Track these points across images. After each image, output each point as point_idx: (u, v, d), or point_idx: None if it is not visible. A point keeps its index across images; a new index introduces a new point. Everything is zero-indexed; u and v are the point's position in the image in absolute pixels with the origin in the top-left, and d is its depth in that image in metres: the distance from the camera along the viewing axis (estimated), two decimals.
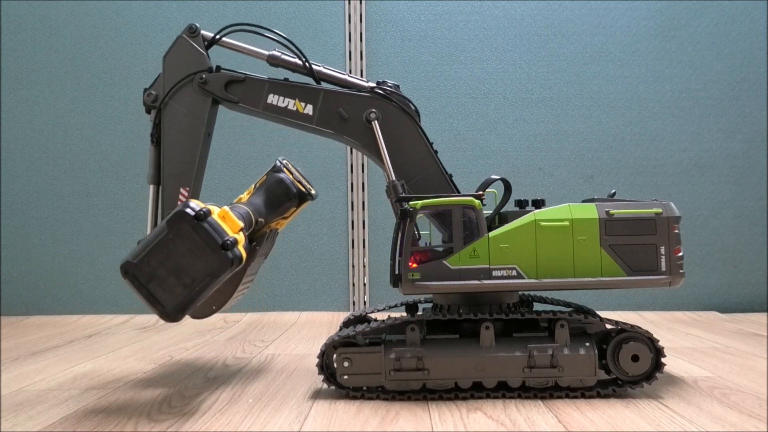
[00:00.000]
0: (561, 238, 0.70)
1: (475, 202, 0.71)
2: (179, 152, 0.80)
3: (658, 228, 0.71)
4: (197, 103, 0.79)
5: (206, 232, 0.64)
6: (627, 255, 0.71)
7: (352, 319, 0.90)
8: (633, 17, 1.50)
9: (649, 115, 1.50)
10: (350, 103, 0.77)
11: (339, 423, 0.63)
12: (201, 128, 0.79)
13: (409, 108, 0.78)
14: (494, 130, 1.50)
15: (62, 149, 1.53)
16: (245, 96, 0.79)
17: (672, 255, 0.71)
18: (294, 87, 0.78)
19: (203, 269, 0.65)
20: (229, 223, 0.67)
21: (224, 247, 0.64)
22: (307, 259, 1.50)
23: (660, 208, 0.71)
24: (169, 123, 0.79)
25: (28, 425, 0.65)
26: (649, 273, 0.71)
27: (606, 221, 0.70)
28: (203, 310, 0.78)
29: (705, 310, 1.46)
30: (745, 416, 0.65)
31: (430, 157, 0.78)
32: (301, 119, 0.78)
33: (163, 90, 0.79)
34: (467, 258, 0.70)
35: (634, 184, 1.48)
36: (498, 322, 0.72)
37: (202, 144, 0.79)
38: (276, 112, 0.78)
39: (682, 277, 0.71)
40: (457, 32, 1.51)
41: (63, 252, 1.52)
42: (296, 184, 0.79)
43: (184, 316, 0.67)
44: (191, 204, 0.66)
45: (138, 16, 1.53)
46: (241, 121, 1.51)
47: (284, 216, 0.81)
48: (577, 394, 0.70)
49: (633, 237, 0.71)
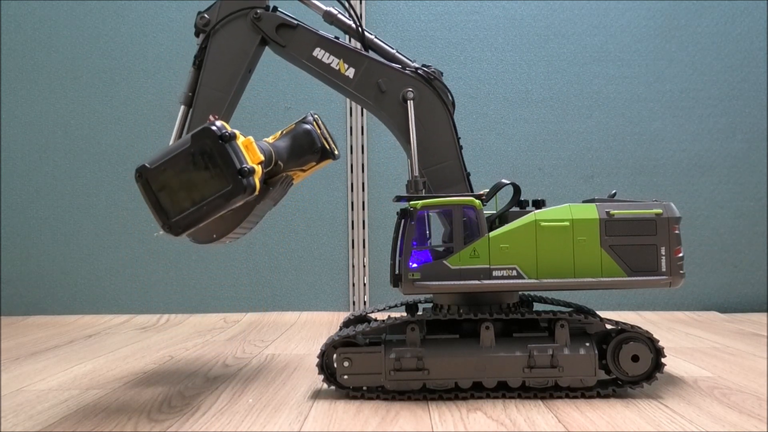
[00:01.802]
0: (561, 239, 0.70)
1: (476, 202, 0.71)
2: (217, 80, 0.80)
3: (658, 228, 0.71)
4: (246, 37, 0.79)
5: (227, 154, 0.64)
6: (627, 255, 0.71)
7: (352, 319, 0.90)
8: (633, 17, 1.50)
9: (649, 115, 1.50)
10: (391, 77, 0.77)
11: (339, 423, 0.63)
12: (244, 63, 0.79)
13: (446, 96, 0.78)
14: (494, 130, 1.50)
15: (62, 149, 1.53)
16: (293, 43, 0.79)
17: (672, 255, 0.70)
18: (342, 47, 0.78)
19: (215, 190, 0.65)
20: (251, 153, 0.67)
21: (241, 173, 0.64)
22: (307, 259, 1.50)
23: (660, 208, 0.71)
24: (214, 50, 0.79)
25: (28, 425, 0.65)
26: (649, 273, 0.70)
27: (606, 222, 0.70)
28: (204, 235, 0.77)
29: (705, 310, 1.46)
30: (745, 416, 0.65)
31: (454, 149, 0.77)
32: (341, 80, 0.78)
33: (216, 16, 0.78)
34: (467, 258, 0.70)
35: (634, 184, 1.48)
36: (498, 322, 0.72)
37: (241, 78, 0.80)
38: (319, 66, 0.78)
39: (682, 277, 0.71)
40: (457, 32, 1.51)
41: (63, 252, 1.52)
42: (322, 139, 0.81)
43: (185, 233, 0.67)
44: (218, 123, 0.65)
45: (138, 16, 1.53)
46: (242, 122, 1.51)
47: (303, 168, 0.82)
48: (577, 394, 0.70)
49: (633, 237, 0.70)
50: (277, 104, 1.51)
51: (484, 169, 1.47)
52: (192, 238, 0.77)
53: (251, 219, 0.79)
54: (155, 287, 1.51)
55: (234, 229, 0.77)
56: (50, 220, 1.53)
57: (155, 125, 1.52)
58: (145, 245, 1.52)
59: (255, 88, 1.51)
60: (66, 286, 1.52)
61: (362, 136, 1.48)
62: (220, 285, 1.50)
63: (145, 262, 1.51)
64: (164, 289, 1.51)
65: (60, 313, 1.51)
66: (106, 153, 1.53)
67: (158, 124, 1.52)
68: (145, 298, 1.51)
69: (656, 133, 1.50)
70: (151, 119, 1.52)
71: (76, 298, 1.52)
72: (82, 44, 1.53)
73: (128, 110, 1.53)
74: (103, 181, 1.53)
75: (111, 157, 1.53)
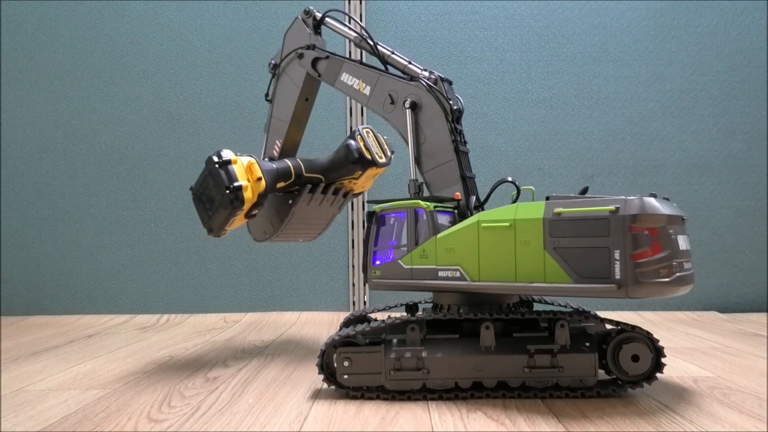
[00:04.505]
0: (503, 240, 0.66)
1: (422, 204, 0.73)
2: (279, 111, 0.99)
3: (611, 229, 0.61)
4: (297, 72, 0.95)
5: (221, 175, 0.82)
6: (574, 259, 0.62)
7: (352, 319, 0.90)
8: (633, 17, 1.50)
9: (649, 115, 1.50)
10: (397, 89, 0.82)
11: (339, 423, 0.63)
12: (296, 94, 0.96)
13: (446, 102, 0.79)
14: (494, 130, 1.50)
15: (62, 149, 1.53)
16: (326, 72, 0.92)
17: (628, 260, 0.60)
18: (360, 68, 0.87)
19: (218, 202, 0.83)
20: (249, 173, 0.84)
21: (228, 189, 0.81)
22: (307, 259, 1.50)
23: (617, 204, 0.61)
24: (277, 88, 0.99)
25: (28, 425, 0.65)
26: (598, 280, 0.61)
27: (551, 221, 0.64)
28: (258, 234, 1.00)
29: (705, 310, 1.46)
30: (745, 416, 0.65)
31: (451, 153, 0.79)
32: (361, 98, 0.87)
33: (279, 60, 0.98)
34: (418, 258, 0.73)
35: (634, 184, 1.49)
36: (498, 322, 0.72)
37: (296, 107, 0.97)
38: (345, 89, 0.89)
39: (645, 286, 0.60)
40: (457, 32, 1.51)
41: (63, 252, 1.53)
42: (362, 150, 0.90)
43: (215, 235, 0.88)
44: (223, 152, 0.83)
45: (138, 16, 1.53)
46: (242, 121, 1.51)
47: (352, 177, 0.93)
48: (577, 394, 0.70)
49: (582, 239, 0.62)
50: None
51: (484, 169, 1.47)
52: (252, 237, 1.00)
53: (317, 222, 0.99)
54: (155, 287, 1.51)
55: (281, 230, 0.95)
56: (50, 220, 1.53)
57: (155, 125, 1.52)
58: (145, 245, 1.52)
59: (255, 88, 1.51)
60: (66, 286, 1.52)
61: None
62: (220, 285, 1.50)
63: (145, 262, 1.51)
64: (164, 289, 1.51)
65: (60, 313, 1.51)
66: (106, 153, 1.53)
67: (158, 124, 1.52)
68: (145, 298, 1.51)
69: (656, 133, 1.50)
70: (151, 119, 1.52)
71: (76, 298, 1.52)
72: (82, 44, 1.53)
73: (128, 110, 1.53)
74: (103, 181, 1.53)
75: (111, 157, 1.53)
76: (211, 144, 1.51)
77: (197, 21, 1.53)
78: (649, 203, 0.61)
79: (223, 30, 1.52)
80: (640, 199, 0.61)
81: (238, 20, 1.52)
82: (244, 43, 1.52)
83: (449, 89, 0.81)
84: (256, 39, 1.52)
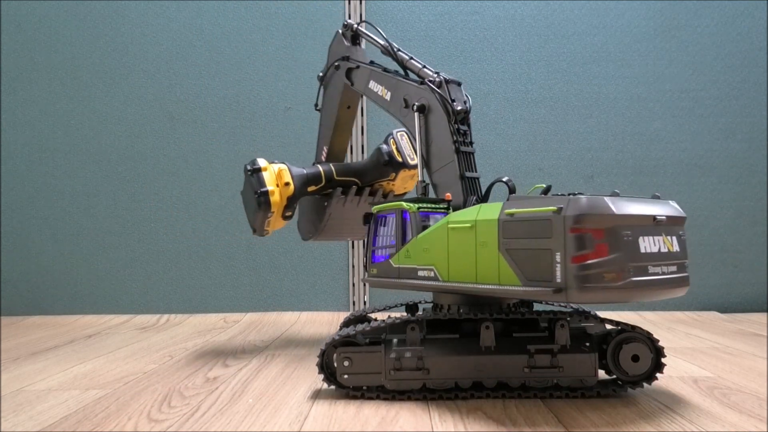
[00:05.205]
0: (466, 241, 0.66)
1: (405, 206, 0.74)
2: (325, 119, 1.06)
3: (554, 230, 0.58)
4: (337, 82, 1.00)
5: (252, 181, 0.94)
6: (523, 261, 0.60)
7: (353, 319, 0.90)
8: (633, 17, 1.50)
9: (649, 115, 1.50)
10: (409, 92, 0.83)
11: (339, 423, 0.63)
12: (337, 101, 1.01)
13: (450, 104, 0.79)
14: (494, 130, 1.50)
15: (62, 149, 1.53)
16: (356, 81, 0.96)
17: (569, 263, 0.57)
18: (382, 75, 0.90)
19: (252, 205, 0.95)
20: (279, 177, 0.94)
21: (257, 193, 0.93)
22: (307, 259, 1.50)
23: (560, 204, 0.58)
24: (323, 97, 1.05)
25: (28, 425, 0.65)
26: (542, 284, 0.59)
27: (504, 222, 0.62)
28: (304, 233, 1.09)
29: (705, 310, 1.46)
30: (745, 416, 0.65)
31: (452, 154, 0.79)
32: (384, 103, 0.89)
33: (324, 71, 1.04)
34: (403, 258, 0.74)
35: (634, 184, 1.49)
36: (498, 322, 0.72)
37: (338, 114, 1.02)
38: (371, 96, 0.92)
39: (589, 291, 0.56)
40: (457, 32, 1.51)
41: (63, 252, 1.53)
42: (393, 152, 0.98)
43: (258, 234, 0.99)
44: (257, 161, 0.95)
45: (138, 16, 1.53)
46: (242, 121, 1.51)
47: (389, 179, 1.01)
48: (577, 394, 0.70)
49: (529, 240, 0.60)
50: (277, 104, 1.51)
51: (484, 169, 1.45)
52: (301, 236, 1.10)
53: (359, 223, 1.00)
54: (155, 287, 1.51)
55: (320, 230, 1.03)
56: (50, 220, 1.53)
57: (155, 125, 1.52)
58: (145, 245, 1.52)
59: (255, 88, 1.51)
60: (66, 286, 1.52)
61: (362, 136, 1.48)
62: (220, 285, 1.50)
63: (145, 262, 1.51)
64: (164, 289, 1.51)
65: (60, 313, 1.51)
66: (106, 153, 1.53)
67: (158, 124, 1.52)
68: (145, 298, 1.51)
69: (656, 133, 1.50)
70: (151, 119, 1.52)
71: (76, 298, 1.52)
72: (82, 44, 1.53)
73: (128, 110, 1.53)
74: (103, 181, 1.53)
75: (111, 157, 1.53)
76: (211, 144, 1.51)
77: (197, 21, 1.53)
78: (595, 202, 0.57)
79: (223, 30, 1.52)
80: (586, 198, 0.57)
81: (238, 20, 1.52)
82: (244, 43, 1.52)
83: (456, 90, 0.81)
84: (256, 39, 1.52)
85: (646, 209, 0.61)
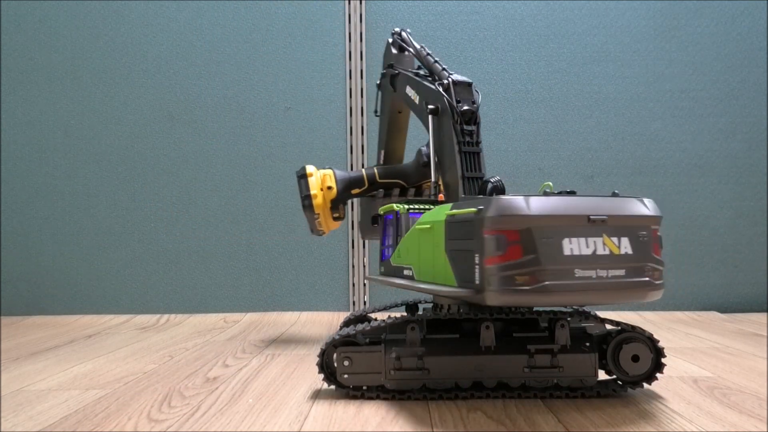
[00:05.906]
0: (428, 242, 0.67)
1: (395, 208, 0.77)
2: (381, 124, 1.11)
3: (474, 231, 0.57)
4: (387, 88, 1.03)
5: (299, 186, 1.05)
6: (456, 263, 0.60)
7: (353, 319, 0.90)
8: (633, 17, 1.51)
9: (649, 115, 1.50)
10: (428, 94, 0.84)
11: (339, 423, 0.63)
12: (387, 106, 1.06)
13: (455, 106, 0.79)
14: (494, 130, 1.50)
15: (62, 149, 1.53)
16: (398, 87, 0.97)
17: (484, 264, 0.56)
18: (415, 81, 0.90)
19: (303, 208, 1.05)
20: (324, 182, 1.04)
21: (302, 197, 1.04)
22: (307, 259, 1.50)
23: (482, 205, 0.57)
24: (380, 103, 1.09)
25: (28, 425, 0.65)
26: (467, 285, 0.59)
27: (447, 224, 0.62)
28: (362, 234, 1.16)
29: (705, 310, 1.46)
30: (745, 416, 0.65)
31: (452, 155, 0.79)
32: (414, 106, 0.90)
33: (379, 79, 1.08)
34: (396, 257, 0.77)
35: (634, 184, 1.49)
36: (498, 321, 0.72)
37: (391, 119, 1.06)
38: (407, 101, 0.93)
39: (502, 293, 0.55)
40: (457, 32, 1.51)
41: (63, 252, 1.53)
42: None
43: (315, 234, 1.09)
44: (306, 167, 1.04)
45: (138, 16, 1.53)
46: (242, 121, 1.51)
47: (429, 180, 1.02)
48: (577, 394, 0.70)
49: (460, 242, 0.60)
50: (277, 104, 1.51)
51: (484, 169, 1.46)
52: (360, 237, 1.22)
53: None
54: (155, 287, 1.51)
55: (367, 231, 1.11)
56: (50, 220, 1.53)
57: (155, 125, 1.52)
58: (145, 245, 1.52)
59: (255, 88, 1.51)
60: (66, 286, 1.52)
61: (362, 136, 1.48)
62: (220, 285, 1.50)
63: (145, 262, 1.51)
64: (164, 289, 1.51)
65: (60, 313, 1.51)
66: (106, 153, 1.53)
67: (158, 124, 1.52)
68: (145, 298, 1.51)
69: (656, 133, 1.50)
70: (151, 119, 1.52)
71: (76, 298, 1.52)
72: (82, 44, 1.53)
73: (128, 110, 1.53)
74: (103, 181, 1.53)
75: (111, 157, 1.53)
76: (211, 144, 1.51)
77: (197, 21, 1.53)
78: (508, 203, 0.55)
79: (223, 30, 1.52)
80: (506, 198, 0.56)
81: (238, 20, 1.52)
82: (244, 43, 1.52)
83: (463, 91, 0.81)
84: (256, 39, 1.52)
85: (578, 208, 0.56)
